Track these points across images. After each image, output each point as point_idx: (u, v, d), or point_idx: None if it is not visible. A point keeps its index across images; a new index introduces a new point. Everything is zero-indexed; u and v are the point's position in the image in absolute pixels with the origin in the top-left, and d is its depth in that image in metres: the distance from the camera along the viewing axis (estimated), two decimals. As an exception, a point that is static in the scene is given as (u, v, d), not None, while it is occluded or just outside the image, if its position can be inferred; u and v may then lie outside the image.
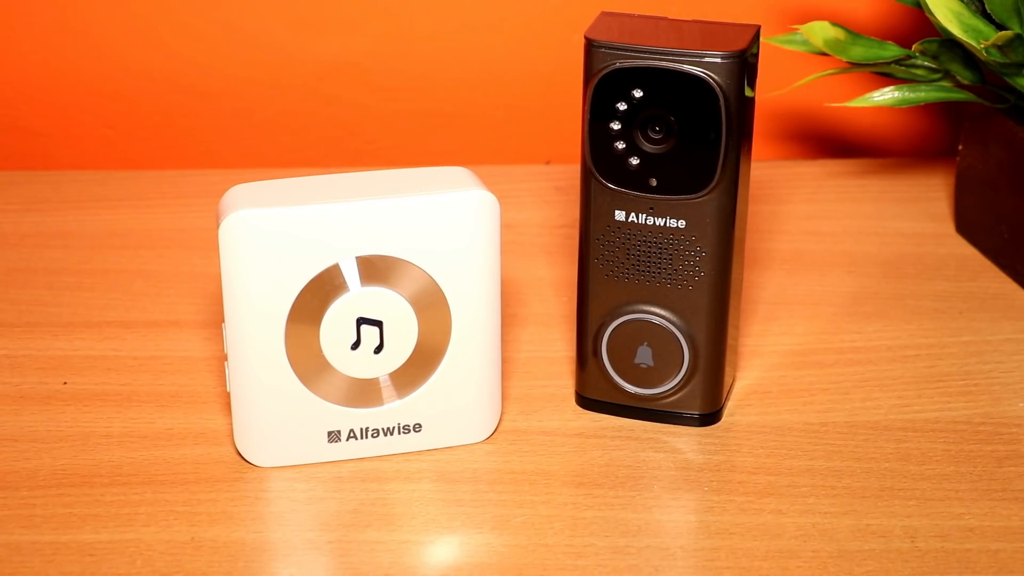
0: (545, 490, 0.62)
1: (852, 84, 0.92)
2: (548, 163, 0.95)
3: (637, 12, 0.64)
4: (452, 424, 0.64)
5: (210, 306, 0.76)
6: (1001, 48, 0.73)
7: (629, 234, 0.64)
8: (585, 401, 0.68)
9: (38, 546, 0.58)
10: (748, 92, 0.62)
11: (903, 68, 0.78)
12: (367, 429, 0.63)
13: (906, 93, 0.78)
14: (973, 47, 0.73)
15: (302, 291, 0.60)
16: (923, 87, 0.79)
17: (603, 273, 0.65)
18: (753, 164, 0.66)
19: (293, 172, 0.64)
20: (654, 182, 0.62)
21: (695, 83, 0.60)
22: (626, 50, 0.61)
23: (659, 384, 0.66)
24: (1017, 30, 0.74)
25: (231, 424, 0.63)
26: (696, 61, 0.60)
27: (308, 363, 0.61)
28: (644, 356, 0.65)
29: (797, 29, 0.78)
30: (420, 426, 0.64)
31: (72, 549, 0.58)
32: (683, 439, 0.66)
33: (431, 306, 0.62)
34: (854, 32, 0.78)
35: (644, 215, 0.63)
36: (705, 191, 0.62)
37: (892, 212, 0.87)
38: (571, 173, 0.90)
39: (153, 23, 0.91)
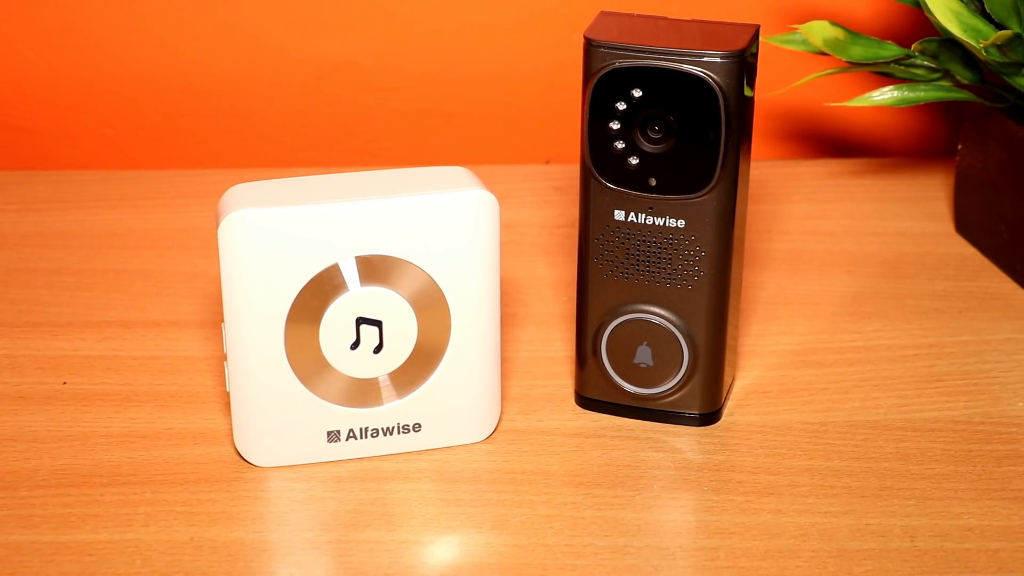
0: (544, 490, 0.62)
1: (852, 84, 0.92)
2: (548, 163, 0.95)
3: (637, 12, 0.64)
4: (452, 424, 0.64)
5: (210, 306, 0.76)
6: (1000, 48, 0.73)
7: (629, 234, 0.64)
8: (585, 401, 0.68)
9: (38, 546, 0.58)
10: (748, 92, 0.62)
11: (903, 68, 0.78)
12: (367, 429, 0.63)
13: (905, 93, 0.78)
14: (972, 47, 0.73)
15: (302, 291, 0.60)
16: (923, 87, 0.79)
17: (603, 273, 0.65)
18: (753, 164, 0.66)
19: (293, 172, 0.64)
20: (653, 182, 0.62)
21: (694, 83, 0.60)
22: (625, 50, 0.61)
23: (659, 384, 0.66)
24: (1016, 29, 0.74)
25: (231, 424, 0.63)
26: (696, 61, 0.60)
27: (308, 363, 0.61)
28: (644, 356, 0.65)
29: (796, 29, 0.78)
30: (420, 426, 0.64)
31: (71, 549, 0.58)
32: (683, 439, 0.66)
33: (431, 306, 0.62)
34: (854, 32, 0.78)
35: (644, 215, 0.63)
36: (704, 191, 0.62)
37: (892, 212, 0.87)
38: (571, 173, 0.90)
39: (153, 23, 0.91)
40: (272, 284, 0.60)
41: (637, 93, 0.61)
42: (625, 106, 0.62)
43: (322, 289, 0.60)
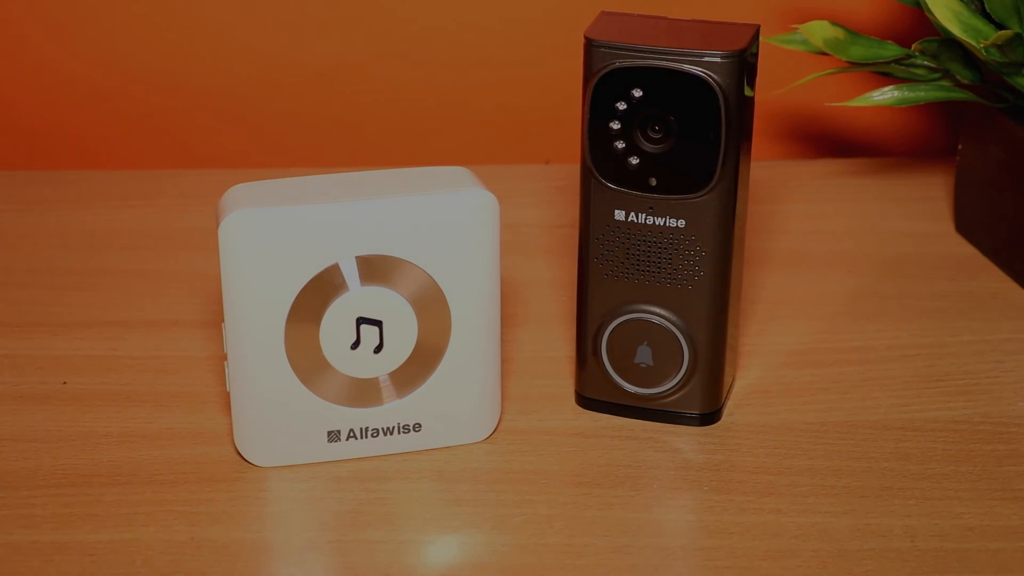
0: (545, 490, 0.62)
1: (852, 84, 0.92)
2: (548, 163, 0.95)
3: (637, 12, 0.64)
4: (452, 424, 0.64)
5: (210, 306, 0.76)
6: (1001, 47, 0.73)
7: (629, 234, 0.64)
8: (585, 401, 0.68)
9: (38, 546, 0.58)
10: (748, 92, 0.62)
11: (903, 67, 0.78)
12: (367, 429, 0.63)
13: (906, 92, 0.78)
14: (973, 46, 0.73)
15: (302, 291, 0.60)
16: (923, 86, 0.79)
17: (603, 273, 0.65)
18: (753, 164, 0.66)
19: (293, 172, 0.64)
20: (654, 182, 0.62)
21: (695, 83, 0.60)
22: (626, 50, 0.61)
23: (659, 384, 0.66)
24: (1016, 29, 0.74)
25: (231, 424, 0.63)
26: (696, 60, 0.60)
27: (308, 363, 0.61)
28: (644, 356, 0.65)
29: (797, 29, 0.78)
30: (420, 426, 0.64)
31: (72, 549, 0.58)
32: (683, 439, 0.66)
33: (431, 306, 0.62)
34: (854, 31, 0.78)
35: (644, 215, 0.63)
36: (705, 191, 0.62)
37: (892, 212, 0.87)
38: (571, 173, 0.89)
39: (153, 23, 0.91)
40: (272, 284, 0.60)
41: (637, 93, 0.61)
42: (625, 106, 0.62)
43: (322, 289, 0.60)
